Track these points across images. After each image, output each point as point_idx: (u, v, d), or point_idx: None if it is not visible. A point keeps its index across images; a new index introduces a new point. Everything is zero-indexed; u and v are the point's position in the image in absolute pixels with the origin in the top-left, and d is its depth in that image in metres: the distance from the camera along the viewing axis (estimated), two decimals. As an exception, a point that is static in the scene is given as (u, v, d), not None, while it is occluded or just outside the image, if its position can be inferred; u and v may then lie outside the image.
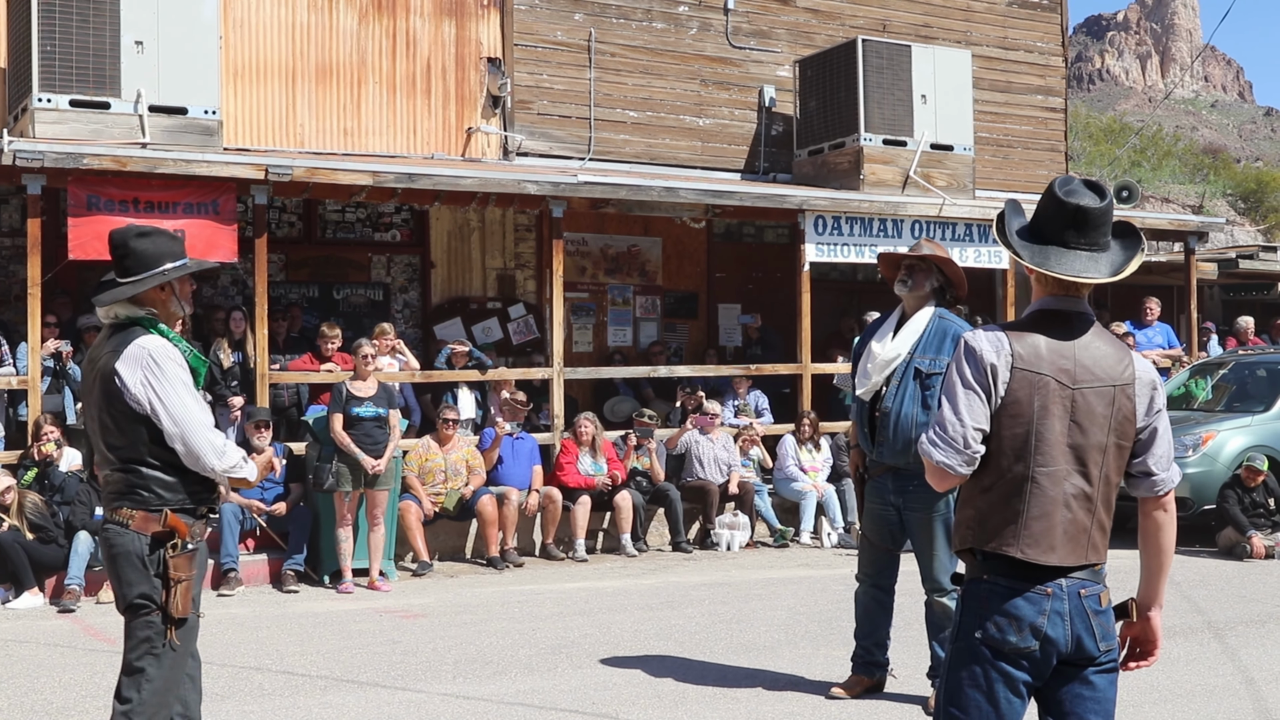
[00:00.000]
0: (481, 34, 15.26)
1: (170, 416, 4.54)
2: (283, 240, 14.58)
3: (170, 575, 4.55)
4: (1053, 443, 3.60)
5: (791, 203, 14.53)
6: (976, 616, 3.60)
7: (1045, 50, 18.82)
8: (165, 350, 4.62)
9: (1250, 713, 6.92)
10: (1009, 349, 3.62)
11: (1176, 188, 41.21)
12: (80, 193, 11.32)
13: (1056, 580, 3.59)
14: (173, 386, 4.56)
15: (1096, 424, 3.64)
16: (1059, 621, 3.57)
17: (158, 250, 4.76)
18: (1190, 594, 10.56)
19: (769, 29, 16.85)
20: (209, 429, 4.61)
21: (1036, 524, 3.59)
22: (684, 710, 6.98)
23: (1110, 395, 3.66)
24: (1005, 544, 3.59)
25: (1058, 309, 3.72)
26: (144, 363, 4.58)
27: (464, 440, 12.52)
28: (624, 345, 16.34)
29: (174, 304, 4.82)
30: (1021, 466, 3.59)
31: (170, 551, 4.55)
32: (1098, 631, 3.64)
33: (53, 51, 11.71)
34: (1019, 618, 3.56)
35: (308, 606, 10.32)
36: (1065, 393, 3.61)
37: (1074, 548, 3.64)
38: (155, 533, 4.57)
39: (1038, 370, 3.61)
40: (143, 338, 4.64)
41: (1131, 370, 3.73)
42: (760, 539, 13.59)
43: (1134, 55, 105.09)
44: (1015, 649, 3.55)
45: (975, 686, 3.59)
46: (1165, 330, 17.23)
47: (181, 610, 4.57)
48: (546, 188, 13.24)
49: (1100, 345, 3.71)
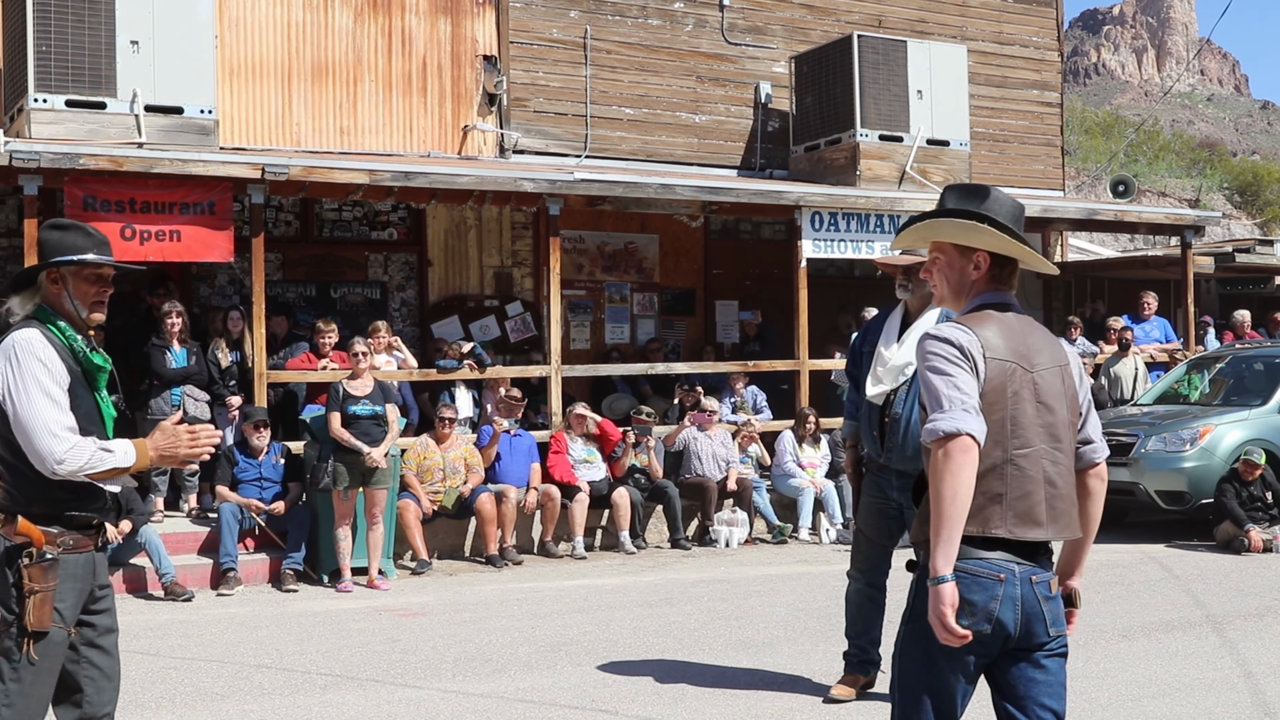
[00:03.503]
0: (477, 32, 15.26)
1: (14, 413, 4.22)
2: (279, 239, 14.58)
3: (25, 586, 4.22)
4: (1027, 425, 3.70)
5: (788, 199, 14.54)
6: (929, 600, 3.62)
7: (1041, 45, 18.83)
8: (32, 343, 4.27)
9: (1249, 706, 6.93)
10: (978, 339, 3.70)
11: (1173, 182, 41.22)
12: (77, 193, 11.31)
13: (1009, 565, 3.66)
14: (24, 380, 4.23)
15: (1059, 401, 3.79)
16: (1010, 606, 3.64)
17: (58, 243, 4.43)
18: (1188, 588, 10.58)
19: (764, 25, 16.85)
20: (52, 432, 4.20)
21: (1020, 503, 3.67)
22: (683, 707, 6.99)
23: (1059, 374, 3.82)
24: (991, 525, 3.65)
25: (996, 302, 3.85)
26: (8, 353, 4.26)
27: (462, 438, 12.53)
28: (621, 342, 16.34)
29: (66, 301, 4.42)
30: (1000, 451, 3.67)
31: (25, 560, 4.22)
32: (1048, 617, 3.73)
33: (48, 51, 11.71)
34: (971, 602, 3.61)
35: (307, 605, 10.33)
36: (1028, 376, 3.74)
37: (1060, 523, 3.75)
38: (12, 540, 4.25)
39: (1005, 358, 3.71)
40: (19, 329, 4.33)
41: (1064, 351, 3.92)
42: (759, 535, 13.60)
43: (1130, 49, 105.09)
44: (967, 631, 3.59)
45: (927, 667, 3.67)
46: (1162, 324, 17.26)
47: (36, 623, 4.22)
48: (543, 185, 13.24)
49: (1036, 331, 3.88)
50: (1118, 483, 13.54)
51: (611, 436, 13.16)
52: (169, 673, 7.63)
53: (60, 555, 4.29)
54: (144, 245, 11.46)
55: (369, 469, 11.03)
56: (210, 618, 9.75)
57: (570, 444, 12.95)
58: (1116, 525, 14.37)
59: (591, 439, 13.13)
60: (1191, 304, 17.11)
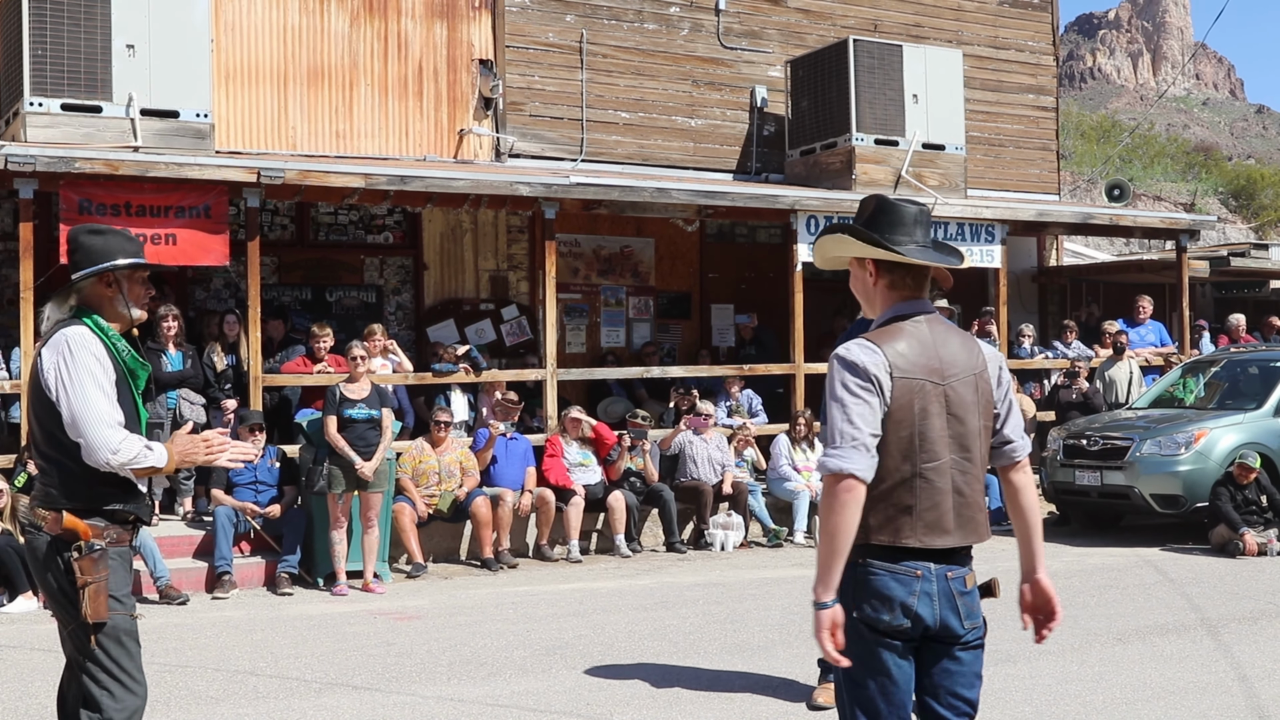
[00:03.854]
0: (473, 36, 15.27)
1: (69, 406, 4.36)
2: (275, 243, 14.57)
3: (77, 579, 4.33)
4: (935, 439, 3.81)
5: (784, 203, 14.55)
6: (854, 599, 3.78)
7: (1036, 49, 18.85)
8: (84, 339, 4.43)
9: (1243, 710, 6.93)
10: (885, 359, 3.77)
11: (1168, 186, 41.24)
12: (72, 196, 11.32)
13: (925, 563, 3.81)
14: (79, 375, 4.37)
15: (970, 412, 3.87)
16: (927, 601, 3.79)
17: (106, 247, 4.57)
18: (1183, 591, 10.59)
19: (760, 29, 16.87)
20: (107, 424, 4.36)
21: (929, 514, 3.80)
22: (678, 711, 6.99)
23: (973, 383, 3.89)
24: (902, 536, 3.79)
25: (909, 312, 3.90)
26: (60, 348, 4.41)
27: (457, 442, 12.53)
28: (617, 346, 16.34)
29: (120, 303, 4.60)
30: (908, 466, 3.78)
31: (75, 554, 4.34)
32: (963, 611, 3.87)
33: (44, 55, 11.71)
34: (890, 598, 3.77)
35: (302, 609, 10.32)
36: (939, 390, 3.82)
37: (966, 529, 3.88)
38: (59, 534, 4.38)
39: (913, 375, 3.79)
40: (69, 327, 4.48)
41: (981, 356, 3.96)
42: (754, 539, 13.60)
43: (1125, 53, 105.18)
44: (889, 627, 3.77)
45: (865, 660, 3.79)
46: (1158, 328, 17.28)
47: (93, 615, 4.33)
48: (539, 189, 13.25)
49: (952, 338, 3.92)
50: (1113, 486, 13.59)
51: (607, 440, 13.16)
52: (163, 676, 7.62)
53: (108, 546, 4.43)
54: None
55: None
56: (205, 621, 9.74)
57: (565, 447, 12.95)
58: (1112, 529, 14.40)
59: (587, 442, 13.13)
60: (1186, 308, 17.13)
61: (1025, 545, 4.14)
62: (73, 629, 4.41)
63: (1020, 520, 4.11)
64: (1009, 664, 7.95)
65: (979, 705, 3.94)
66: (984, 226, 15.73)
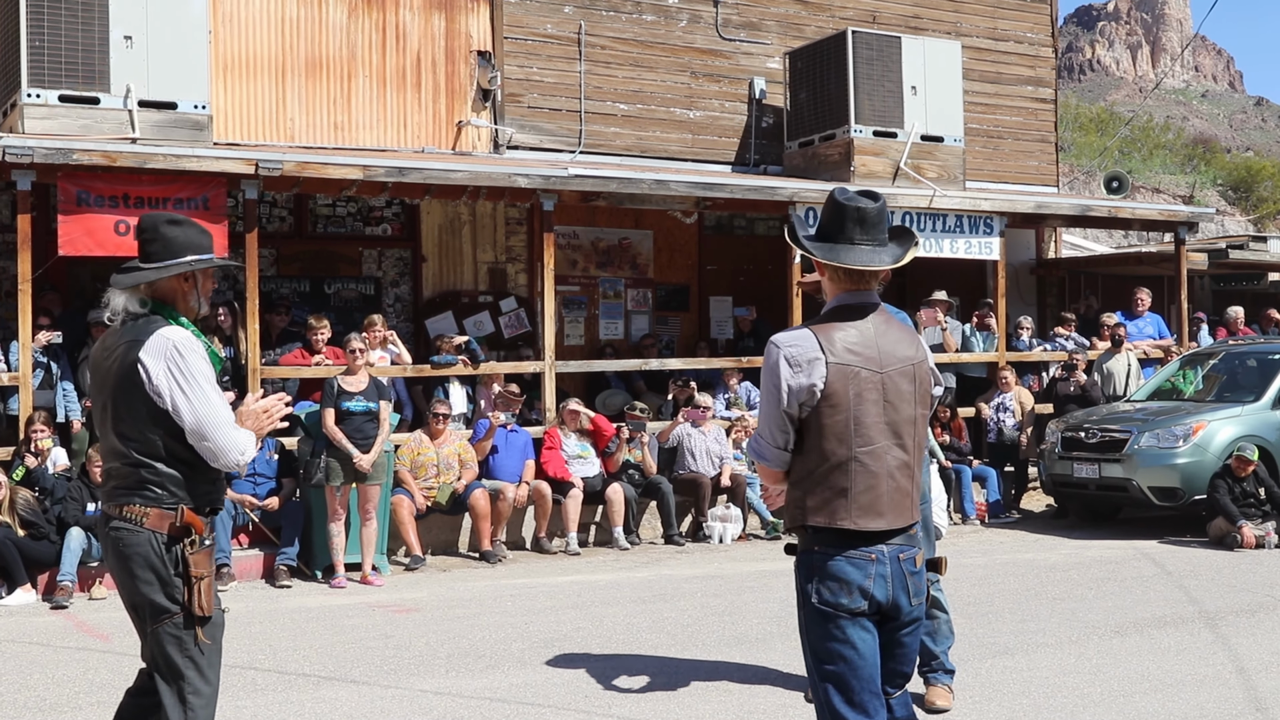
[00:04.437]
0: (471, 27, 15.24)
1: (193, 412, 4.33)
2: (273, 235, 14.56)
3: (191, 573, 4.35)
4: (870, 424, 4.01)
5: (782, 195, 14.54)
6: (814, 583, 4.03)
7: (1035, 41, 18.83)
8: (190, 342, 4.41)
9: (1241, 701, 6.94)
10: (819, 349, 3.99)
11: (1167, 178, 41.21)
12: (70, 188, 11.31)
13: (879, 546, 4.02)
14: (196, 378, 4.35)
15: (905, 400, 4.08)
16: (882, 583, 4.02)
17: (186, 239, 4.54)
18: (1181, 583, 10.60)
19: (759, 21, 16.85)
20: (230, 425, 4.41)
21: (864, 496, 4.01)
22: (676, 703, 6.99)
23: (911, 373, 4.12)
24: (838, 518, 4.01)
25: (853, 303, 4.12)
26: (168, 354, 4.34)
27: (455, 434, 12.53)
28: (615, 338, 16.33)
29: (194, 298, 4.60)
30: (844, 450, 4.00)
31: (189, 548, 4.35)
32: (912, 589, 4.09)
33: (41, 46, 11.69)
34: (848, 581, 4.00)
35: (300, 601, 10.32)
36: (876, 378, 4.03)
37: (899, 512, 4.06)
38: (171, 530, 4.36)
39: (848, 363, 4.00)
40: (165, 328, 4.42)
41: (920, 347, 4.21)
42: (753, 531, 13.60)
43: (1124, 45, 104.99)
44: (848, 609, 4.00)
45: (831, 639, 4.02)
46: (1156, 320, 17.27)
47: (205, 608, 4.37)
48: (537, 181, 13.24)
49: (893, 330, 4.13)
50: (1111, 478, 13.60)
51: (605, 432, 13.16)
52: (162, 669, 7.61)
53: (214, 542, 4.52)
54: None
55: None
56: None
57: (564, 440, 12.95)
58: (1109, 521, 14.40)
59: (585, 435, 13.14)
60: (1185, 300, 17.12)
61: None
62: (165, 623, 4.38)
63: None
64: (1006, 656, 7.96)
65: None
66: (982, 218, 15.73)
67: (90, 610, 9.89)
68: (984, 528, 13.95)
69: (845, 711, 4.01)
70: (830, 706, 4.04)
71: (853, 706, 4.01)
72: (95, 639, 8.85)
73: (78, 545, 10.33)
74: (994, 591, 9.84)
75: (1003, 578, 10.61)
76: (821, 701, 4.08)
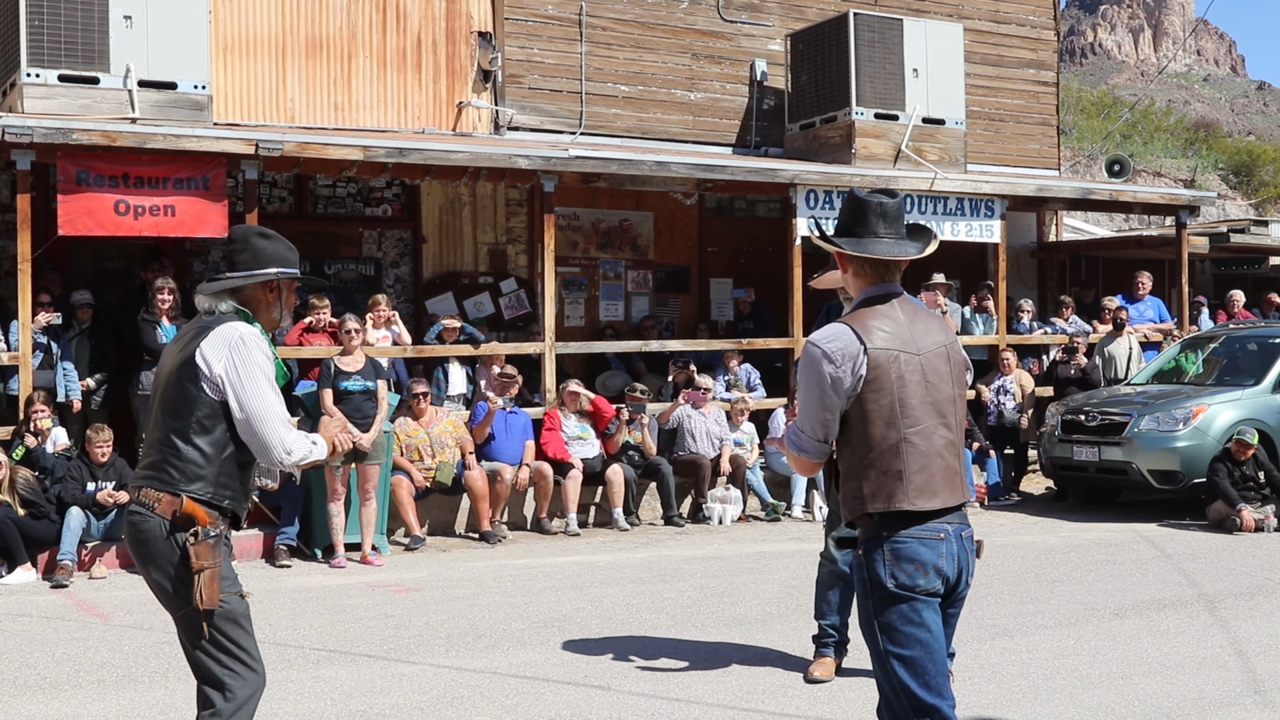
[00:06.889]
0: (472, 8, 15.19)
1: (244, 403, 4.36)
2: (273, 215, 14.50)
3: (191, 564, 4.31)
4: (915, 405, 4.06)
5: (783, 177, 14.52)
6: (887, 569, 4.02)
7: (1037, 24, 18.78)
8: (256, 337, 4.46)
9: (1240, 684, 6.95)
10: (857, 339, 4.05)
11: (1168, 162, 41.13)
12: (70, 168, 11.29)
13: (944, 524, 4.06)
14: (252, 370, 4.38)
15: (944, 380, 4.16)
16: (951, 561, 4.07)
17: (274, 252, 4.62)
18: (1180, 566, 10.61)
19: (760, 2, 16.79)
20: (282, 423, 4.41)
21: (918, 477, 4.04)
22: (675, 683, 7.01)
23: (945, 354, 4.20)
24: (896, 500, 4.03)
25: (882, 294, 4.21)
26: (232, 344, 4.38)
27: (443, 413, 12.48)
28: (616, 320, 16.32)
29: (276, 309, 4.68)
30: (894, 433, 4.04)
31: (192, 539, 4.32)
32: (968, 567, 4.16)
33: (41, 26, 11.65)
34: (923, 562, 4.03)
35: (300, 581, 10.34)
36: (915, 360, 4.09)
37: (952, 490, 4.11)
38: (175, 517, 4.35)
39: (889, 347, 4.06)
40: (235, 323, 4.47)
41: (949, 331, 4.30)
42: (752, 513, 13.62)
43: (1126, 29, 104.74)
44: (925, 590, 4.02)
45: (908, 622, 4.02)
46: (1157, 304, 17.26)
47: (208, 600, 4.31)
48: (538, 162, 13.21)
49: (922, 316, 4.24)
50: (1111, 461, 13.60)
51: (605, 413, 13.16)
52: (161, 647, 7.63)
53: (221, 534, 4.42)
54: (138, 220, 11.44)
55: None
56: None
57: (564, 421, 12.96)
58: (1109, 504, 14.42)
59: (585, 416, 13.14)
60: (1186, 284, 17.10)
61: None
62: (184, 613, 4.38)
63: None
64: (1005, 638, 7.97)
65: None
66: (983, 201, 15.71)
67: (90, 589, 9.91)
68: (983, 510, 13.97)
69: (924, 695, 3.99)
70: (907, 692, 4.00)
71: (929, 690, 4.00)
72: (95, 618, 8.87)
73: (77, 525, 10.34)
74: (993, 573, 9.84)
75: (1002, 560, 10.62)
76: (896, 689, 4.03)
